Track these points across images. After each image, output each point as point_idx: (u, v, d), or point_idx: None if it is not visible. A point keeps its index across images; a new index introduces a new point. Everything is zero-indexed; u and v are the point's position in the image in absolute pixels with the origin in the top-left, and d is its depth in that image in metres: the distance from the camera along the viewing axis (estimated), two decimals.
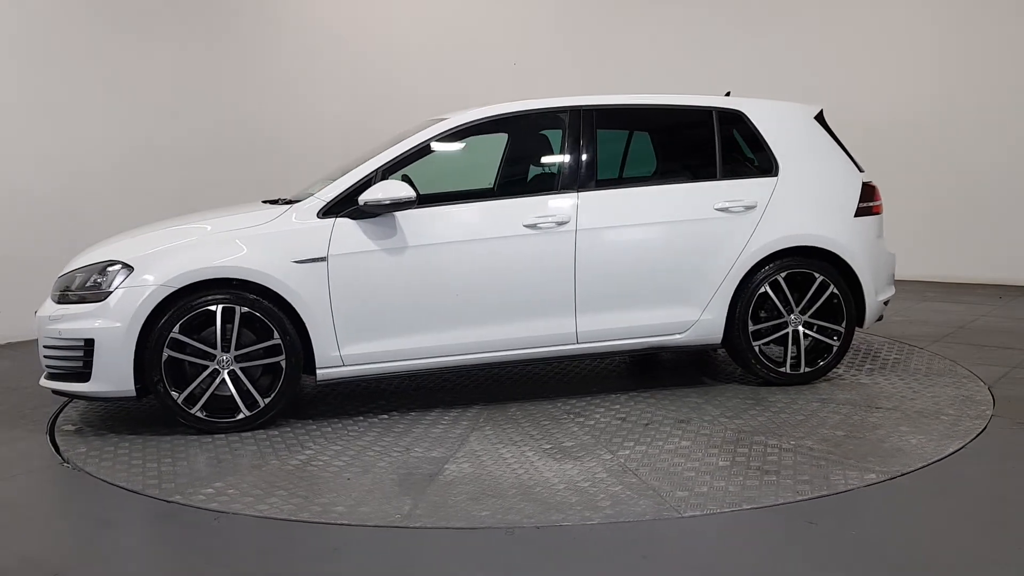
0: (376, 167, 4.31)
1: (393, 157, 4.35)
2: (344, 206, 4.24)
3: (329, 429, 4.27)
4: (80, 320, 4.06)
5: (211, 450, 3.99)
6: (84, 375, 4.07)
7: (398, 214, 4.24)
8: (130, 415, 4.57)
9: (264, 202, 4.72)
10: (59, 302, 4.21)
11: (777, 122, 4.81)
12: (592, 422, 4.23)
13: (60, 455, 3.98)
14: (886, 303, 4.98)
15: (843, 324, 4.70)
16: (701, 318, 4.57)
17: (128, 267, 4.08)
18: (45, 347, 4.19)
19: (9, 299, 6.63)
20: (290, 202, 4.44)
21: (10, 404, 4.89)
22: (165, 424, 4.30)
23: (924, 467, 3.50)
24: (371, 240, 4.22)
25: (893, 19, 8.55)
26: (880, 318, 5.00)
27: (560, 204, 4.42)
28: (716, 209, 4.56)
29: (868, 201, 4.81)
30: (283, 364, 4.16)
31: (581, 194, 4.44)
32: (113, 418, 4.52)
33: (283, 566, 2.86)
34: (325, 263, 4.16)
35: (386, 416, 4.47)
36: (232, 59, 8.31)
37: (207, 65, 8.09)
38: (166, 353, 4.04)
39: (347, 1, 9.34)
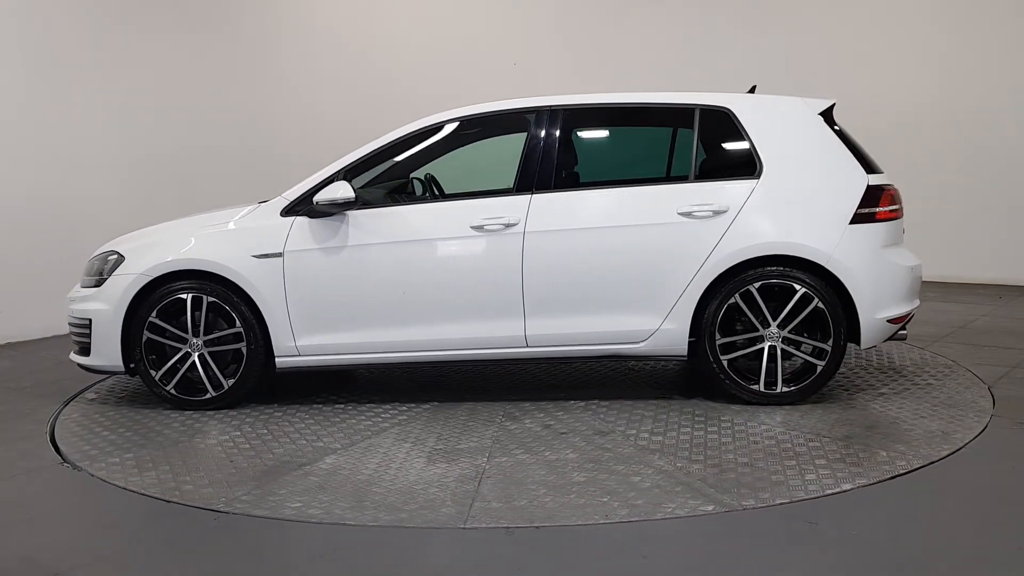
0: (337, 169, 4.51)
1: (354, 159, 4.55)
2: (304, 205, 4.47)
3: (280, 415, 4.46)
4: (86, 302, 4.60)
5: (165, 424, 4.36)
6: (88, 349, 4.60)
7: (350, 214, 4.42)
8: (140, 392, 4.77)
9: (260, 203, 4.76)
10: (82, 285, 4.72)
11: (769, 120, 4.49)
12: (515, 426, 4.17)
13: (60, 455, 3.99)
14: (896, 320, 4.39)
15: (829, 342, 4.30)
16: (661, 327, 4.34)
17: (122, 257, 4.57)
18: (69, 324, 4.75)
19: (9, 299, 6.64)
20: None
21: (10, 404, 4.90)
22: (149, 399, 4.66)
23: (923, 467, 3.49)
24: (324, 238, 4.42)
25: (893, 19, 8.56)
26: (901, 337, 4.54)
27: (509, 206, 4.38)
28: (679, 213, 4.30)
29: (871, 206, 4.33)
30: (244, 351, 4.47)
31: (535, 196, 4.38)
32: (127, 392, 4.73)
33: (283, 565, 2.87)
34: (281, 259, 4.40)
35: (341, 407, 4.58)
36: (232, 59, 8.32)
37: (207, 65, 8.10)
38: (145, 335, 4.48)
39: (347, 1, 9.35)
